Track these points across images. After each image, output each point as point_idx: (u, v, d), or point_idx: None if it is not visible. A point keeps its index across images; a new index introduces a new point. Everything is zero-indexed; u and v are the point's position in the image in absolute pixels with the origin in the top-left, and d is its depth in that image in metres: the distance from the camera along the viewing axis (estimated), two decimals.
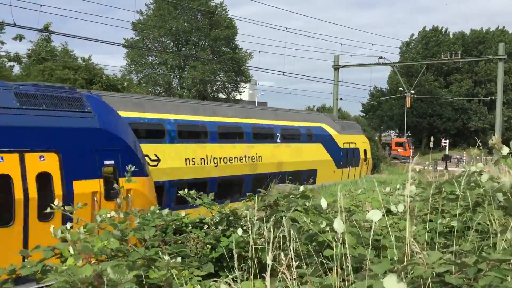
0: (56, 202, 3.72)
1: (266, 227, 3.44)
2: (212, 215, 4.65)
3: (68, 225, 3.30)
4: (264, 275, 2.61)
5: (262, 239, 3.59)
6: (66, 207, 3.71)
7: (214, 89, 55.81)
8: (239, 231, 3.89)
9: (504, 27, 69.69)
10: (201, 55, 51.53)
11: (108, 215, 3.72)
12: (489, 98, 57.02)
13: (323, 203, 3.67)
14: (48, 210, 3.74)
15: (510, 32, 69.13)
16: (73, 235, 3.09)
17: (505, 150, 3.13)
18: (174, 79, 54.57)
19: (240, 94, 59.46)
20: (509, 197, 4.29)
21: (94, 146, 9.70)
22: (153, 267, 3.11)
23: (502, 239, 3.15)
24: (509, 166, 3.13)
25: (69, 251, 3.01)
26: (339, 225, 2.90)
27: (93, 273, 2.53)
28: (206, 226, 4.50)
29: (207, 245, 4.13)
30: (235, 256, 3.26)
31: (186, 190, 4.76)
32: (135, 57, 53.58)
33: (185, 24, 52.82)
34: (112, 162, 9.94)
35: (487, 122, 65.23)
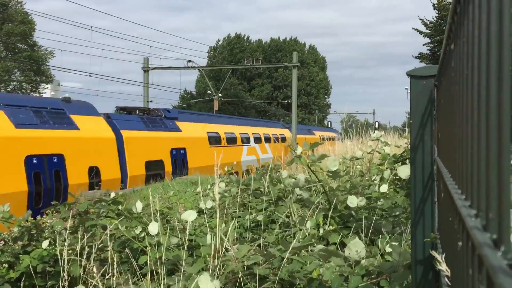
0: None
1: (76, 237, 3.23)
2: (10, 230, 4.17)
3: None
4: None
5: (70, 251, 3.35)
6: None
7: (9, 90, 50.10)
8: (44, 244, 3.58)
9: (296, 37, 77.54)
10: None
11: None
12: (286, 101, 62.78)
13: (138, 205, 3.59)
14: None
15: (302, 42, 77.20)
16: None
17: (299, 149, 3.51)
18: None
19: (41, 96, 54.54)
20: (305, 191, 4.79)
21: None
22: None
23: (300, 229, 3.50)
24: (303, 163, 3.51)
25: None
26: (153, 227, 2.88)
27: None
28: (2, 242, 4.01)
29: (3, 265, 3.69)
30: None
31: None
32: None
33: None
34: None
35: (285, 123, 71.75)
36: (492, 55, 0.66)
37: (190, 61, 35.55)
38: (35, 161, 12.48)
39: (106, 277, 2.82)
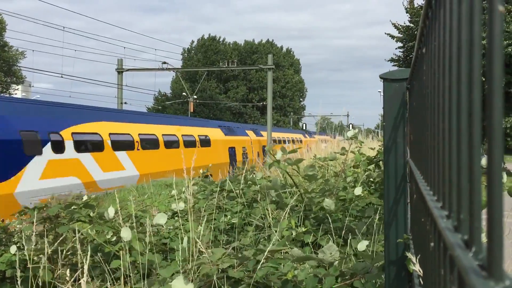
0: None
1: (45, 242, 3.16)
2: None
3: None
4: None
5: (41, 256, 3.28)
6: None
7: None
8: (13, 249, 3.48)
9: (272, 40, 77.83)
10: None
11: None
12: (261, 103, 62.98)
13: (111, 211, 3.54)
14: None
15: (278, 45, 77.56)
16: None
17: (279, 154, 3.51)
18: None
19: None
20: (280, 193, 4.80)
21: None
22: None
23: (275, 231, 3.50)
24: (281, 169, 3.52)
25: None
26: (126, 233, 2.84)
27: None
28: None
29: None
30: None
31: None
32: None
33: None
34: None
35: (260, 125, 71.94)
36: (463, 59, 0.67)
37: (165, 62, 35.22)
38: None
39: (78, 282, 2.77)
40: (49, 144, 13.23)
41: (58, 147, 13.58)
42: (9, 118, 12.32)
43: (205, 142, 22.62)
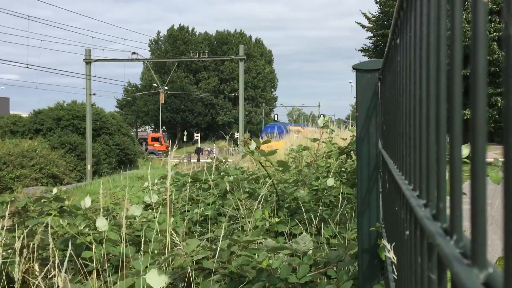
0: None
1: (15, 236, 3.09)
2: None
3: None
4: None
5: (10, 250, 3.20)
6: None
7: None
8: None
9: (243, 30, 77.54)
10: None
11: None
12: (233, 94, 62.79)
13: (87, 201, 3.48)
14: None
15: (248, 35, 77.31)
16: None
17: (253, 145, 3.51)
18: None
19: None
20: (253, 183, 4.81)
21: None
22: None
23: (249, 222, 3.51)
24: (256, 159, 3.52)
25: None
26: (101, 223, 2.80)
27: None
28: None
29: None
30: None
31: None
32: None
33: None
34: None
35: (232, 116, 71.87)
36: (442, 50, 0.68)
37: (134, 53, 34.66)
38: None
39: (49, 276, 2.72)
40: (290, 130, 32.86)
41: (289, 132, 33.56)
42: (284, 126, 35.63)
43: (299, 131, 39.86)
